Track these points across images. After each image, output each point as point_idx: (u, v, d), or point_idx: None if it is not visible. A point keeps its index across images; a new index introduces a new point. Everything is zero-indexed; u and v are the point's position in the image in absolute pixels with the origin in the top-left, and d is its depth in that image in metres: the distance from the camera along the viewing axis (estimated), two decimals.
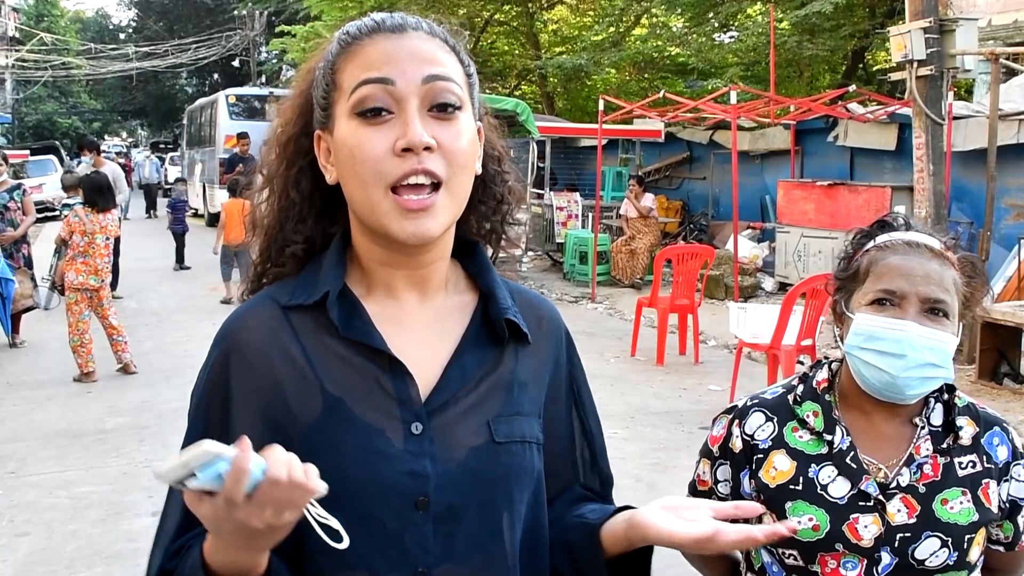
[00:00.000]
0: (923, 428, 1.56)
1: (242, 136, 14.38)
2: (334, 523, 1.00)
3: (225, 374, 1.14)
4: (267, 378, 1.13)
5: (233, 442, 1.07)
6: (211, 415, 1.15)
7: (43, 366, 8.29)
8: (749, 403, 1.70)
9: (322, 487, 0.96)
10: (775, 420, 1.64)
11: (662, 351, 8.56)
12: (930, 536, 1.49)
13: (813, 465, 1.57)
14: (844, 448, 1.56)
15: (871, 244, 1.58)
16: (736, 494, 1.66)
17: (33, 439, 6.16)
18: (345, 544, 1.00)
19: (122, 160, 26.49)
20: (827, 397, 1.61)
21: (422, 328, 1.19)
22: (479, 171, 1.19)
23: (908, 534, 1.49)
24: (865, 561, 1.51)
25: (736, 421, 1.68)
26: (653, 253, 11.28)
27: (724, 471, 1.68)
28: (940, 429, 1.56)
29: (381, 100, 1.08)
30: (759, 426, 1.65)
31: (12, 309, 8.79)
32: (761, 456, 1.63)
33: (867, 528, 1.50)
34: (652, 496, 5.05)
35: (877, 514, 1.51)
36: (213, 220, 17.15)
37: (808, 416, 1.61)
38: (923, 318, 1.50)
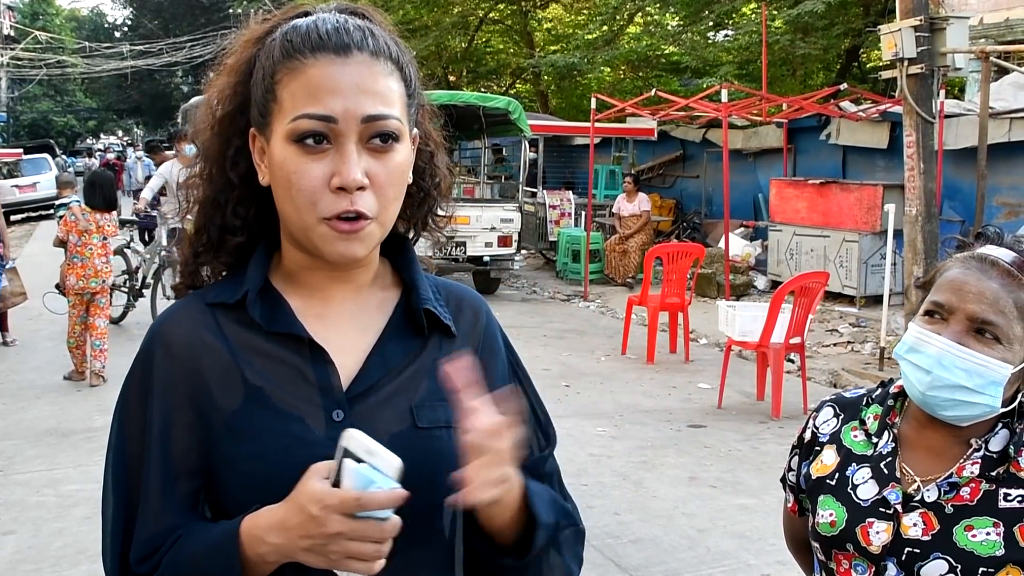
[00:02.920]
0: (977, 451, 1.47)
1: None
2: None
3: (149, 365, 1.17)
4: (191, 367, 1.15)
5: (150, 428, 1.14)
6: (130, 403, 1.18)
7: (33, 364, 8.28)
8: (830, 398, 1.71)
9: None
10: (841, 417, 1.65)
11: (652, 349, 8.57)
12: (939, 558, 1.43)
13: (854, 464, 1.57)
14: (885, 453, 1.54)
15: (956, 255, 1.52)
16: (798, 483, 1.69)
17: (21, 437, 6.15)
18: None
19: (111, 158, 26.09)
20: (891, 402, 1.59)
21: (345, 321, 1.21)
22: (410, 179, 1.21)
23: (917, 550, 1.45)
24: (873, 568, 1.49)
25: (815, 413, 1.70)
26: (646, 252, 11.30)
27: (795, 460, 1.71)
28: (996, 456, 1.46)
29: (321, 132, 1.09)
30: (825, 420, 1.67)
31: (2, 307, 8.79)
32: (818, 449, 1.65)
33: (878, 535, 1.48)
34: (639, 494, 5.04)
35: (892, 523, 1.48)
36: None
37: (869, 418, 1.60)
38: (967, 337, 1.43)
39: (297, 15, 1.18)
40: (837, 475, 1.58)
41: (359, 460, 0.99)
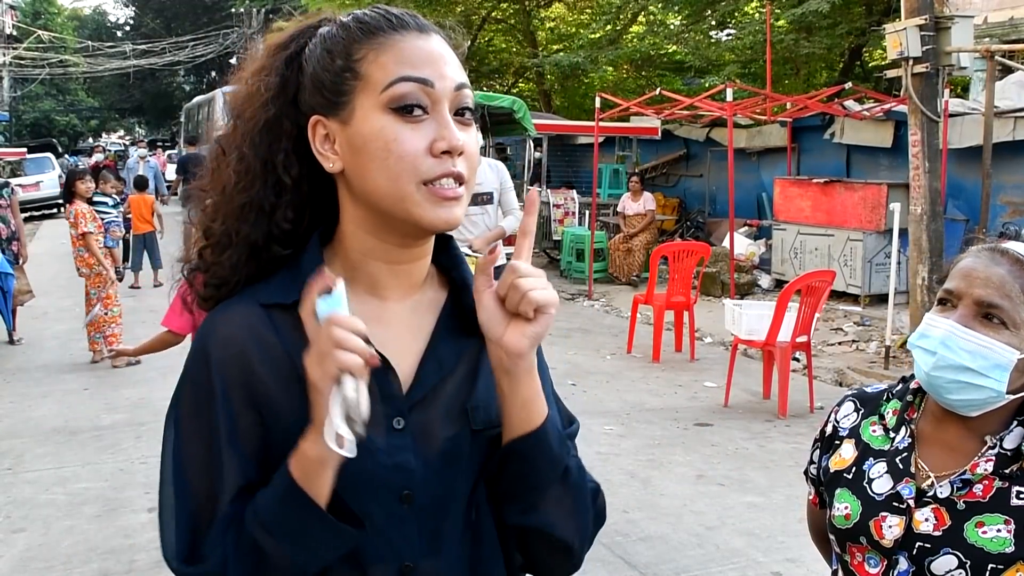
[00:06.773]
0: (991, 448, 1.49)
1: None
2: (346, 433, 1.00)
3: (207, 369, 1.13)
4: (249, 370, 1.12)
5: (217, 429, 1.11)
6: (185, 404, 1.15)
7: (39, 363, 8.30)
8: (852, 392, 1.74)
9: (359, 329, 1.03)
10: (861, 412, 1.68)
11: (658, 348, 8.58)
12: (948, 553, 1.46)
13: (871, 459, 1.59)
14: (901, 448, 1.56)
15: (972, 248, 1.55)
16: (818, 476, 1.72)
17: (30, 436, 6.16)
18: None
19: (100, 159, 25.73)
20: (910, 398, 1.61)
21: (399, 323, 1.20)
22: None
23: (928, 545, 1.48)
24: (885, 562, 1.51)
25: (837, 408, 1.73)
26: (650, 250, 11.30)
27: (816, 453, 1.75)
28: (1010, 453, 1.48)
29: (419, 99, 1.10)
30: (846, 415, 1.70)
31: (12, 304, 8.85)
32: (838, 443, 1.68)
33: (891, 529, 1.50)
34: (647, 492, 5.04)
35: (904, 518, 1.50)
36: None
37: (888, 413, 1.63)
38: (974, 321, 1.45)
39: (321, 21, 1.20)
40: (854, 469, 1.61)
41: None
